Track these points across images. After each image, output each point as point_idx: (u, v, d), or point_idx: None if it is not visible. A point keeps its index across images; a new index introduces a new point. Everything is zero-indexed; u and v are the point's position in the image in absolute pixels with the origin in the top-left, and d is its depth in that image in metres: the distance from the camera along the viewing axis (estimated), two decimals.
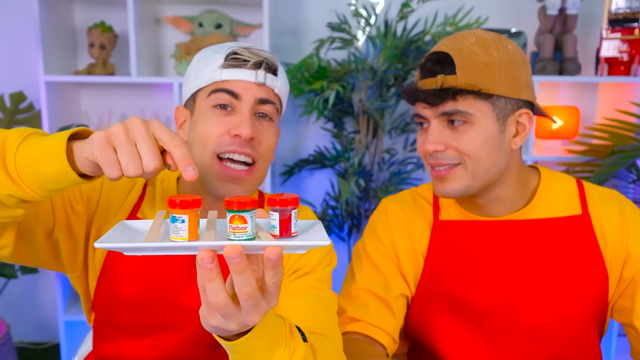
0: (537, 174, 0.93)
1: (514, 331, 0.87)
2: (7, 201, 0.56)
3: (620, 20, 1.83)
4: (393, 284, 0.90)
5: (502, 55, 0.82)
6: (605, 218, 0.88)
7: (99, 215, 0.79)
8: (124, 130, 0.51)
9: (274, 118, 0.80)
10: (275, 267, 0.49)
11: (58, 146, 0.53)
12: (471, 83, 0.79)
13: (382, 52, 1.82)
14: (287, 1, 2.03)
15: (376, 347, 0.86)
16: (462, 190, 0.84)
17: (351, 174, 1.85)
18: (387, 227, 0.94)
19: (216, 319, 0.51)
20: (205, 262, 0.47)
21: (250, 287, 0.49)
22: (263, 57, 0.77)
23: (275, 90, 0.79)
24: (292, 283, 0.79)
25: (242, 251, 0.47)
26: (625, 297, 0.87)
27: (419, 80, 0.85)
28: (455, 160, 0.83)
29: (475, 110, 0.81)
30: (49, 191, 0.56)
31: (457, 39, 0.83)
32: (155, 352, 0.80)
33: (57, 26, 1.85)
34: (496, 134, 0.83)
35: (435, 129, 0.83)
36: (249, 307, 0.50)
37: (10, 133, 0.56)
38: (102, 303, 0.81)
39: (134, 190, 0.82)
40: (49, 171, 0.54)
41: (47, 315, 2.17)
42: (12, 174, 0.54)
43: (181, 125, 0.83)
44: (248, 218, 0.48)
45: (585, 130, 1.99)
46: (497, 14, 2.01)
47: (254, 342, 0.54)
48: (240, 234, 0.48)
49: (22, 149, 0.54)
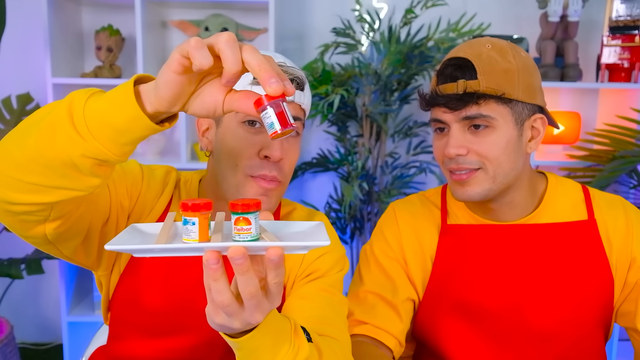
0: (545, 179, 0.94)
1: (520, 334, 0.87)
2: (81, 164, 0.53)
3: (621, 28, 1.85)
4: (400, 288, 0.91)
5: (519, 61, 0.83)
6: (610, 223, 0.89)
7: (136, 212, 0.80)
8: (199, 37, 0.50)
9: (299, 132, 0.81)
10: (277, 268, 0.50)
11: (126, 92, 0.51)
12: (494, 87, 0.81)
13: (385, 57, 1.84)
14: (292, 6, 2.05)
15: (383, 349, 0.87)
16: (483, 194, 0.85)
17: (354, 177, 1.87)
18: (395, 231, 0.95)
19: (221, 317, 0.53)
20: (211, 262, 0.49)
21: (253, 287, 0.50)
22: (294, 75, 0.76)
23: (302, 105, 0.79)
24: (305, 286, 0.80)
25: (245, 252, 0.49)
26: (629, 301, 0.88)
27: (437, 85, 0.85)
28: (476, 164, 0.84)
29: (496, 115, 0.82)
30: (121, 145, 0.53)
31: (474, 46, 0.84)
32: (169, 353, 0.81)
33: (65, 29, 1.87)
34: (515, 137, 0.84)
35: (457, 133, 0.84)
36: (252, 307, 0.52)
37: (75, 94, 0.54)
38: (121, 302, 0.81)
39: (164, 193, 0.83)
40: (120, 119, 0.51)
41: (50, 316, 2.17)
42: (82, 132, 0.52)
43: (204, 133, 0.83)
44: (252, 219, 0.50)
45: (586, 135, 2.01)
46: (500, 20, 2.03)
47: (258, 339, 0.56)
48: (244, 235, 0.50)
49: (90, 104, 0.52)
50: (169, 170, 0.86)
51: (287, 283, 0.83)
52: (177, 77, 0.49)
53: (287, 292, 0.82)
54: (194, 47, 0.47)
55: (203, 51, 0.47)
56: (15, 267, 1.78)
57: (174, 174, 0.86)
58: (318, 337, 0.67)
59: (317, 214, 0.91)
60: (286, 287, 0.82)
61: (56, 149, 0.52)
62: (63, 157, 0.52)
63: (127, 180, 0.79)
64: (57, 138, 0.52)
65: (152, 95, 0.51)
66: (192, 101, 0.53)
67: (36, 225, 0.61)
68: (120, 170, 0.78)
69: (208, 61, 0.48)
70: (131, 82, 0.52)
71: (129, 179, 0.79)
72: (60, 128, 0.52)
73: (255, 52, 0.49)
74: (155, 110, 0.52)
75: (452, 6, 1.97)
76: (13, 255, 1.88)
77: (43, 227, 0.62)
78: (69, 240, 0.69)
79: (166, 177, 0.85)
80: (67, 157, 0.52)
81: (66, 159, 0.53)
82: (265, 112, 0.49)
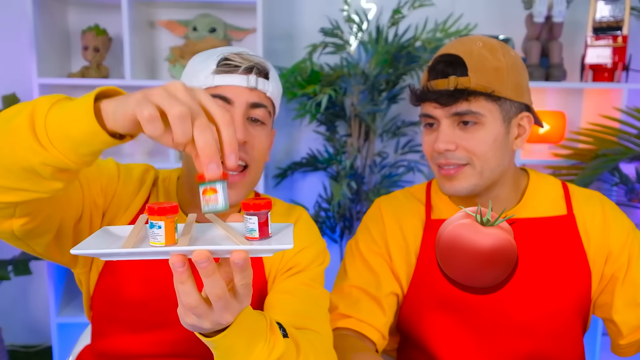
0: (526, 175, 0.97)
1: (502, 326, 0.90)
2: (42, 171, 0.53)
3: (604, 28, 1.88)
4: (384, 282, 0.92)
5: (508, 60, 0.85)
6: (588, 218, 0.92)
7: (111, 210, 0.80)
8: (167, 92, 0.49)
9: (266, 121, 0.81)
10: (243, 270, 0.51)
11: (86, 106, 0.51)
12: (484, 84, 0.82)
13: (373, 57, 1.85)
14: (280, 6, 2.05)
15: (366, 342, 0.89)
16: (470, 189, 0.87)
17: (343, 176, 1.88)
18: (380, 226, 0.96)
19: (191, 318, 0.54)
20: (176, 266, 0.50)
21: (219, 289, 0.51)
22: (254, 62, 0.78)
23: (267, 93, 0.80)
24: (285, 280, 0.81)
25: (210, 256, 0.49)
26: (606, 293, 0.91)
27: (428, 81, 0.87)
28: (464, 160, 0.86)
29: (485, 112, 0.84)
30: (82, 156, 0.53)
31: (465, 43, 0.86)
32: (153, 347, 0.81)
33: (51, 29, 1.85)
34: (502, 134, 0.86)
35: (446, 129, 0.85)
36: (220, 308, 0.52)
37: (39, 100, 0.54)
38: (102, 299, 0.82)
39: (142, 191, 0.83)
40: (78, 132, 0.51)
41: (39, 317, 2.16)
42: (43, 140, 0.52)
43: None
44: (219, 189, 0.50)
45: (570, 134, 2.04)
46: (486, 21, 2.05)
47: (231, 338, 0.57)
48: (212, 205, 0.50)
49: (52, 114, 0.52)
50: (147, 169, 0.87)
51: (269, 278, 0.84)
52: (132, 123, 0.50)
53: (268, 287, 0.83)
54: (146, 120, 0.47)
55: (155, 124, 0.48)
56: (2, 268, 1.77)
57: (152, 172, 0.87)
58: (296, 332, 0.68)
59: (295, 210, 0.91)
60: (268, 282, 0.84)
61: (17, 155, 0.53)
62: (23, 164, 0.53)
63: (103, 178, 0.79)
64: (18, 145, 0.52)
65: (111, 117, 0.51)
66: None
67: (3, 220, 0.62)
68: (95, 169, 0.79)
69: (158, 133, 0.48)
70: (92, 96, 0.52)
71: (105, 177, 0.79)
72: (21, 136, 0.52)
73: (204, 130, 0.48)
74: (115, 130, 0.52)
75: (439, 7, 1.98)
76: (0, 257, 1.87)
77: (10, 223, 0.63)
78: (37, 237, 0.69)
79: (144, 175, 0.85)
80: (27, 163, 0.53)
81: (26, 165, 0.53)
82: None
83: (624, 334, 0.90)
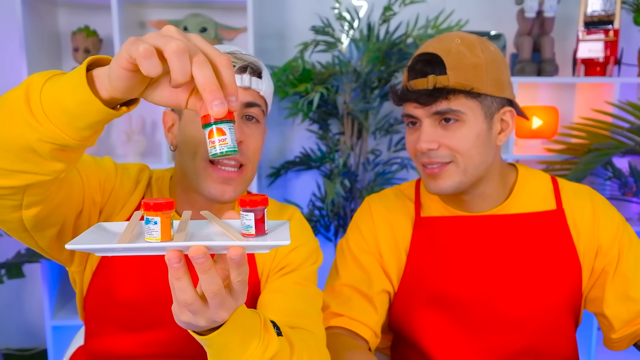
0: (515, 170, 0.97)
1: (492, 322, 0.90)
2: (40, 149, 0.52)
3: (596, 23, 1.88)
4: (375, 280, 0.93)
5: (487, 55, 0.85)
6: (578, 212, 0.92)
7: (108, 208, 0.80)
8: (161, 33, 0.47)
9: (260, 119, 0.82)
10: (240, 267, 0.50)
11: (78, 75, 0.49)
12: (463, 82, 0.82)
13: (365, 55, 1.85)
14: (271, 5, 2.05)
15: (358, 341, 0.89)
16: (455, 187, 0.87)
17: (337, 174, 1.88)
18: (370, 224, 0.96)
19: (186, 315, 0.54)
20: (173, 262, 0.50)
21: (215, 286, 0.51)
22: (248, 62, 0.78)
23: (261, 92, 0.80)
24: (278, 280, 0.81)
25: (206, 252, 0.49)
26: (597, 287, 0.91)
27: (408, 81, 0.87)
28: (447, 158, 0.86)
29: (466, 109, 0.84)
30: (79, 130, 0.52)
31: (443, 41, 0.86)
32: (147, 347, 0.81)
33: (40, 30, 1.85)
34: (485, 131, 0.86)
35: (428, 128, 0.85)
36: (216, 305, 0.52)
37: (34, 76, 0.53)
38: (95, 298, 0.82)
39: (137, 190, 0.83)
40: (72, 103, 0.50)
41: (33, 320, 2.15)
42: (38, 115, 0.51)
43: (169, 129, 0.85)
44: (227, 130, 0.49)
45: (563, 129, 2.04)
46: (477, 16, 2.05)
47: (225, 336, 0.56)
48: (222, 146, 0.49)
49: (47, 87, 0.51)
50: (142, 168, 0.87)
51: (262, 277, 0.83)
52: (128, 72, 0.48)
53: (261, 286, 0.83)
54: (142, 57, 0.45)
55: (151, 60, 0.46)
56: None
57: (147, 171, 0.87)
58: (290, 331, 0.68)
59: (287, 209, 0.91)
60: (260, 282, 0.83)
61: (14, 133, 0.52)
62: (21, 142, 0.52)
63: (101, 174, 0.79)
64: (15, 122, 0.52)
65: (106, 82, 0.50)
66: (151, 91, 0.51)
67: (13, 210, 0.61)
68: (94, 165, 0.79)
69: (156, 71, 0.46)
70: (84, 65, 0.51)
71: (103, 173, 0.79)
72: (17, 112, 0.51)
73: (204, 66, 0.46)
74: (110, 96, 0.50)
75: (430, 3, 1.98)
76: None
77: (20, 214, 0.62)
78: (45, 229, 0.69)
79: (139, 174, 0.86)
80: (25, 141, 0.52)
81: (24, 144, 0.52)
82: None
83: (616, 328, 0.90)
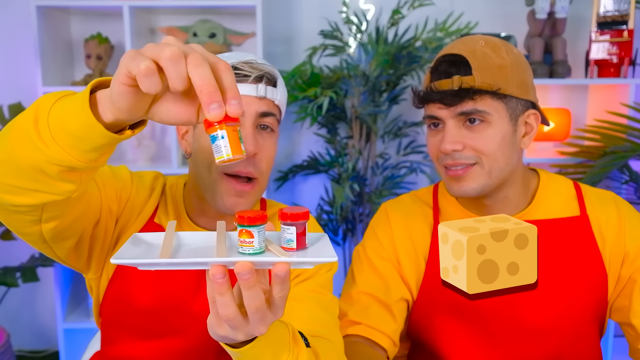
0: (536, 175, 0.94)
1: (515, 331, 0.87)
2: (49, 170, 0.52)
3: (609, 23, 1.85)
4: (393, 288, 0.90)
5: (512, 57, 0.84)
6: (603, 219, 0.89)
7: (124, 216, 0.81)
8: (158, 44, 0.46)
9: (274, 128, 0.81)
10: (283, 282, 0.50)
11: (82, 99, 0.49)
12: (490, 82, 0.81)
13: (373, 58, 1.84)
14: (279, 10, 2.06)
15: (377, 349, 0.87)
16: (479, 190, 0.85)
17: (345, 178, 1.87)
18: (387, 230, 0.94)
19: (224, 329, 0.53)
20: (217, 277, 0.49)
21: (259, 301, 0.50)
22: (264, 71, 0.77)
23: (276, 101, 0.80)
24: (294, 288, 0.81)
25: (252, 268, 0.49)
26: (623, 296, 0.88)
27: (431, 82, 0.86)
28: (472, 160, 0.84)
29: (492, 110, 0.83)
30: (84, 152, 0.51)
31: (468, 42, 0.85)
32: (162, 355, 0.81)
33: (54, 38, 1.88)
34: (510, 133, 0.84)
35: (452, 129, 0.84)
36: (257, 320, 0.51)
37: (45, 96, 0.53)
38: (111, 304, 0.82)
39: (152, 198, 0.84)
40: (76, 126, 0.50)
41: (46, 323, 2.18)
42: (45, 137, 0.51)
43: (183, 136, 0.84)
44: (255, 233, 0.50)
45: (576, 132, 2.00)
46: (487, 18, 2.03)
47: (259, 349, 0.56)
48: (247, 248, 0.50)
49: (55, 109, 0.51)
50: (156, 176, 0.88)
51: None
52: (129, 88, 0.46)
53: None
54: (143, 75, 0.44)
55: (152, 78, 0.44)
56: (11, 275, 1.80)
57: (161, 179, 0.88)
58: (314, 340, 0.67)
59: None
60: None
61: (24, 153, 0.52)
62: (30, 162, 0.53)
63: (117, 184, 0.80)
64: (24, 143, 0.52)
65: (109, 102, 0.49)
66: (156, 109, 0.50)
67: (33, 224, 0.62)
68: (111, 175, 0.79)
69: (156, 88, 0.45)
70: (88, 88, 0.51)
71: (119, 183, 0.80)
72: (25, 133, 0.52)
73: (201, 66, 0.45)
74: (115, 118, 0.50)
75: (439, 6, 1.97)
76: (8, 264, 1.89)
77: (39, 227, 0.63)
78: (64, 240, 0.70)
79: (154, 182, 0.86)
80: (33, 162, 0.52)
81: (33, 164, 0.53)
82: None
83: None
